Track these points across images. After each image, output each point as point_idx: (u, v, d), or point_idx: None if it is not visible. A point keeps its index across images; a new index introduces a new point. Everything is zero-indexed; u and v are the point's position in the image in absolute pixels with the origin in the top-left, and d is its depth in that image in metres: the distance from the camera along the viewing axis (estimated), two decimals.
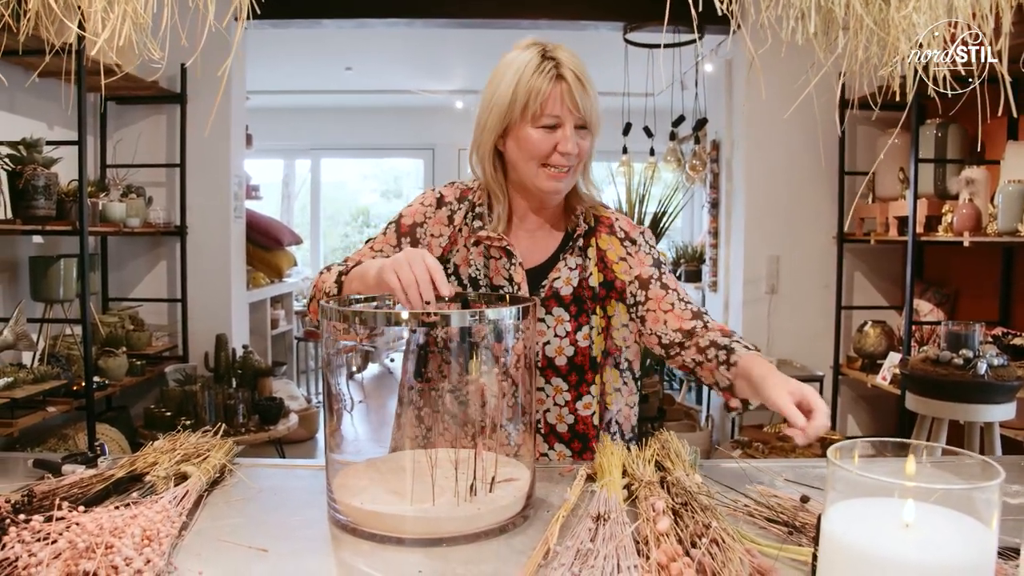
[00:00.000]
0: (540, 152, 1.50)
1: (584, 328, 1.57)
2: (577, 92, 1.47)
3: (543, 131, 1.49)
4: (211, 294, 4.50)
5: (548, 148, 1.50)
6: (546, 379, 1.58)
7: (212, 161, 4.42)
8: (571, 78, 1.47)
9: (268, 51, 5.79)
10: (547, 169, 1.51)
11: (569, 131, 1.49)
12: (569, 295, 1.58)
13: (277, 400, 4.31)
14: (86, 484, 1.20)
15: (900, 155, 4.05)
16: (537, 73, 1.47)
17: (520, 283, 1.57)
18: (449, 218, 1.62)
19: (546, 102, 1.47)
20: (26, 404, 3.06)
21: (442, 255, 1.61)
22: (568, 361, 1.57)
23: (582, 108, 1.48)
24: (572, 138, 1.49)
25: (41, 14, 1.15)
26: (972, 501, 0.75)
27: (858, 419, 4.66)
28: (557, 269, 1.59)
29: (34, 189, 3.06)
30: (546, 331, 1.57)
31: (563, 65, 1.47)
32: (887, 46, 1.10)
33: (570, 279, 1.59)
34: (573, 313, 1.58)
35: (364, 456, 1.35)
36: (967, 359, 2.73)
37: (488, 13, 4.53)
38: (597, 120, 1.53)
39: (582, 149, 1.52)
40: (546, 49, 1.49)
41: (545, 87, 1.46)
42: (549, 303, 1.57)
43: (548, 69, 1.47)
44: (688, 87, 5.17)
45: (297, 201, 9.11)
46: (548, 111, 1.48)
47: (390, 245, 1.62)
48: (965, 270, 4.11)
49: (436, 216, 1.63)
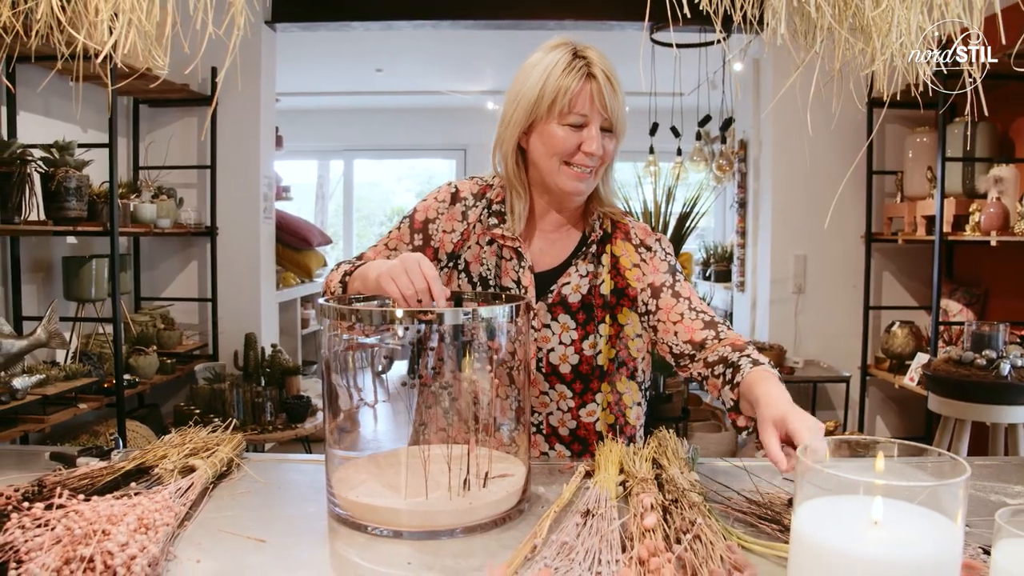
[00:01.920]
0: (565, 150, 1.49)
1: (591, 337, 1.56)
2: (607, 92, 1.46)
3: (569, 129, 1.48)
4: (241, 294, 4.58)
5: (573, 146, 1.48)
6: (550, 385, 1.57)
7: (242, 163, 4.50)
8: (602, 78, 1.46)
9: (299, 53, 5.87)
10: (570, 168, 1.50)
11: (595, 131, 1.47)
12: (577, 302, 1.56)
13: (305, 398, 4.36)
14: (96, 476, 1.25)
15: (928, 154, 4.01)
16: (567, 70, 1.45)
17: (527, 287, 1.56)
18: (463, 214, 1.61)
19: (575, 100, 1.46)
20: (57, 401, 3.14)
21: (454, 251, 1.61)
22: (572, 369, 1.56)
23: (610, 109, 1.47)
24: (598, 138, 1.47)
25: (51, 22, 1.19)
26: (939, 498, 0.76)
27: (886, 420, 4.61)
28: (567, 275, 1.58)
29: (66, 191, 3.15)
30: (551, 338, 1.56)
31: (594, 64, 1.46)
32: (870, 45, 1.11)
33: (579, 287, 1.57)
34: (580, 321, 1.56)
35: (365, 451, 1.37)
36: (990, 360, 2.70)
37: (515, 14, 4.56)
38: (623, 124, 1.52)
39: (606, 151, 1.51)
40: (577, 48, 1.48)
41: (575, 85, 1.45)
42: (556, 310, 1.56)
43: (579, 67, 1.46)
44: (716, 86, 5.15)
45: (331, 202, 9.21)
46: (576, 109, 1.46)
47: (404, 242, 1.63)
48: (995, 270, 4.05)
49: (450, 212, 1.62)
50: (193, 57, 1.24)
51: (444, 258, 1.62)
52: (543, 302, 1.57)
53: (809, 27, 1.13)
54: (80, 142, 3.33)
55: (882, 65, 1.10)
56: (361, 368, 1.28)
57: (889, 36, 1.05)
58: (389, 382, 1.29)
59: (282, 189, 5.80)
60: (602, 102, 1.47)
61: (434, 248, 1.61)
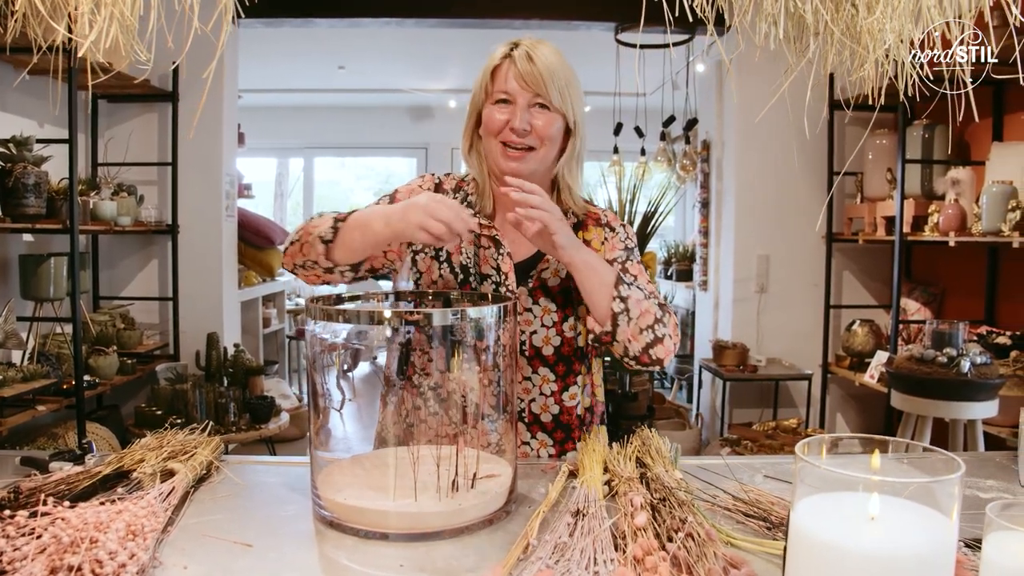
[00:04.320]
0: (494, 127, 1.53)
1: (570, 319, 1.60)
2: (528, 67, 1.49)
3: (497, 107, 1.53)
4: (202, 293, 4.50)
5: (501, 123, 1.52)
6: (533, 369, 1.59)
7: (204, 160, 4.43)
8: (522, 55, 1.50)
9: (261, 49, 5.80)
10: (502, 146, 1.54)
11: (520, 107, 1.51)
12: (556, 285, 1.60)
13: (268, 399, 4.31)
14: (73, 481, 1.22)
15: (888, 155, 4.09)
16: (502, 51, 1.53)
17: (507, 273, 1.58)
18: None
19: (496, 76, 1.53)
20: (15, 403, 3.07)
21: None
22: (555, 351, 1.59)
23: (532, 83, 1.49)
24: (521, 113, 1.50)
25: (28, 14, 1.16)
26: (934, 494, 0.77)
27: (847, 417, 4.69)
28: (546, 261, 1.60)
29: (24, 187, 3.07)
30: (533, 320, 1.59)
31: (521, 45, 1.52)
32: (857, 52, 1.13)
33: (558, 271, 1.60)
34: (560, 304, 1.60)
35: (349, 453, 1.36)
36: (951, 357, 2.75)
37: (480, 13, 4.55)
38: (565, 102, 1.52)
39: (537, 128, 1.52)
40: (519, 41, 1.54)
41: (497, 62, 1.53)
42: (536, 294, 1.59)
43: (504, 49, 1.53)
44: (679, 87, 5.19)
45: (290, 200, 9.12)
46: (498, 86, 1.52)
47: None
48: (952, 269, 4.15)
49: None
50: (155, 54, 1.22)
51: (428, 247, 1.62)
52: (524, 287, 1.59)
53: (801, 32, 1.14)
54: (38, 137, 3.25)
55: (872, 69, 1.12)
56: (344, 369, 1.26)
57: (878, 41, 1.07)
58: (372, 382, 1.29)
59: (244, 187, 5.72)
60: (519, 74, 1.50)
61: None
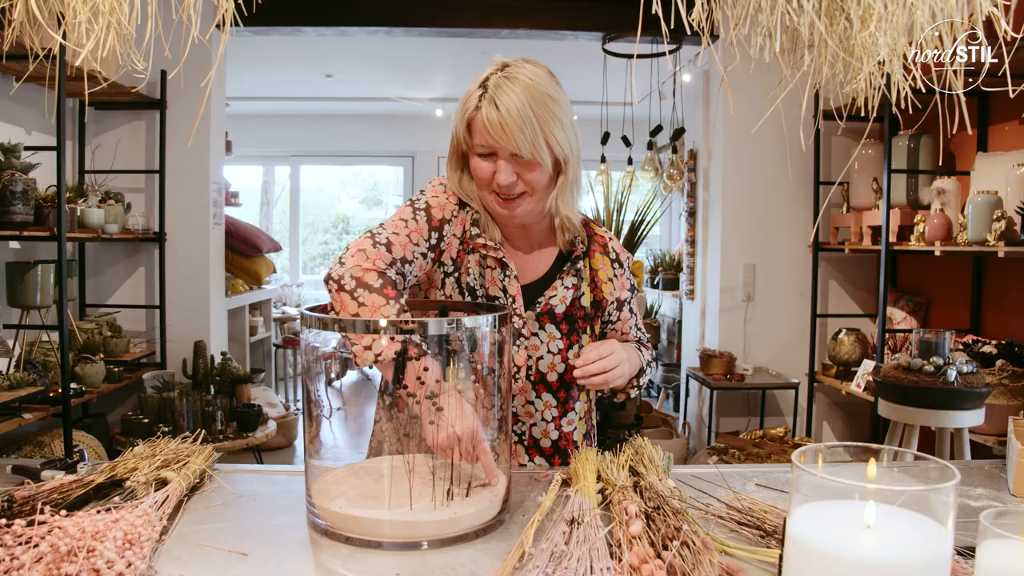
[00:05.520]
0: (481, 179, 1.50)
1: (575, 347, 1.60)
2: (496, 118, 1.42)
3: (481, 159, 1.49)
4: (189, 301, 4.49)
5: (488, 175, 1.48)
6: (537, 394, 1.59)
7: (191, 167, 4.42)
8: (489, 103, 1.43)
9: (248, 58, 5.79)
10: (495, 196, 1.51)
11: (502, 162, 1.46)
12: (562, 313, 1.60)
13: (255, 407, 4.30)
14: (66, 489, 1.21)
15: (874, 165, 4.13)
16: (472, 102, 1.45)
17: (515, 296, 1.56)
18: (463, 222, 1.58)
19: (473, 128, 1.47)
20: (1, 411, 3.05)
21: (456, 259, 1.57)
22: (559, 378, 1.60)
23: (502, 138, 1.43)
24: (506, 169, 1.45)
25: (25, 23, 1.16)
26: (929, 502, 0.78)
27: (833, 426, 4.71)
28: (553, 288, 1.60)
29: (11, 194, 3.05)
30: (540, 346, 1.58)
31: (500, 95, 1.42)
32: (850, 65, 1.14)
33: (564, 298, 1.60)
34: (564, 331, 1.60)
35: (342, 462, 1.36)
36: (937, 366, 2.78)
37: (468, 22, 4.56)
38: (538, 149, 1.45)
39: (526, 180, 1.48)
40: (491, 77, 1.45)
41: (471, 114, 1.46)
42: (542, 319, 1.58)
43: (479, 95, 1.45)
44: (666, 97, 5.22)
45: (276, 208, 9.10)
46: (478, 141, 1.47)
47: (423, 239, 1.51)
48: (937, 279, 4.18)
49: (459, 216, 1.58)
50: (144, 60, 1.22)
51: (449, 264, 1.57)
52: (531, 311, 1.58)
53: (795, 44, 1.16)
54: (25, 144, 3.24)
55: (865, 82, 1.14)
56: (331, 376, 1.26)
57: (871, 54, 1.09)
58: (366, 392, 1.28)
59: (231, 195, 5.71)
60: (488, 129, 1.43)
61: (442, 251, 1.56)
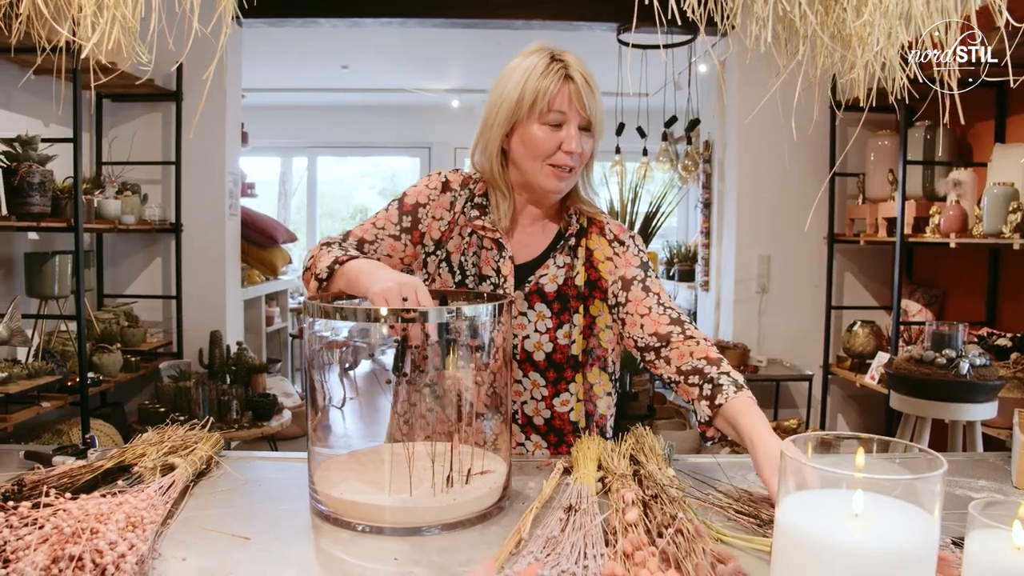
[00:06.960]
0: (545, 149, 1.54)
1: (565, 326, 1.60)
2: (584, 93, 1.52)
3: (548, 129, 1.54)
4: (206, 291, 4.53)
5: (553, 146, 1.54)
6: (524, 372, 1.61)
7: (207, 159, 4.46)
8: (579, 79, 1.52)
9: (265, 49, 5.82)
10: (552, 168, 1.56)
11: (574, 130, 1.53)
12: (553, 292, 1.61)
13: (271, 396, 4.34)
14: (75, 474, 1.24)
15: (890, 157, 4.10)
16: (546, 72, 1.52)
17: (507, 276, 1.60)
18: (451, 203, 1.65)
19: (554, 100, 1.52)
20: (20, 399, 3.09)
21: (440, 239, 1.64)
22: (546, 357, 1.60)
23: (588, 108, 1.53)
24: (576, 137, 1.53)
25: (32, 16, 1.18)
26: (917, 492, 0.79)
27: (847, 418, 4.70)
28: (545, 267, 1.62)
29: (29, 186, 3.10)
30: (527, 325, 1.60)
31: (571, 67, 1.53)
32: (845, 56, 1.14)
33: (556, 277, 1.62)
34: (555, 310, 1.61)
35: (346, 449, 1.38)
36: (950, 359, 2.77)
37: (483, 13, 4.56)
38: (601, 124, 1.58)
39: (585, 150, 1.57)
40: (554, 53, 1.55)
41: (553, 86, 1.51)
42: (532, 298, 1.61)
43: (557, 69, 1.52)
44: (681, 88, 5.20)
45: (294, 199, 9.15)
46: (555, 107, 1.52)
47: (392, 223, 1.64)
48: (953, 271, 4.15)
49: (440, 200, 1.65)
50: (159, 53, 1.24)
51: (430, 244, 1.65)
52: (520, 291, 1.61)
53: (792, 35, 1.16)
54: (43, 136, 3.28)
55: (862, 72, 1.13)
56: (343, 365, 1.28)
57: (868, 44, 1.08)
58: (370, 379, 1.30)
59: (247, 186, 5.75)
60: (580, 101, 1.53)
61: (421, 232, 1.65)
